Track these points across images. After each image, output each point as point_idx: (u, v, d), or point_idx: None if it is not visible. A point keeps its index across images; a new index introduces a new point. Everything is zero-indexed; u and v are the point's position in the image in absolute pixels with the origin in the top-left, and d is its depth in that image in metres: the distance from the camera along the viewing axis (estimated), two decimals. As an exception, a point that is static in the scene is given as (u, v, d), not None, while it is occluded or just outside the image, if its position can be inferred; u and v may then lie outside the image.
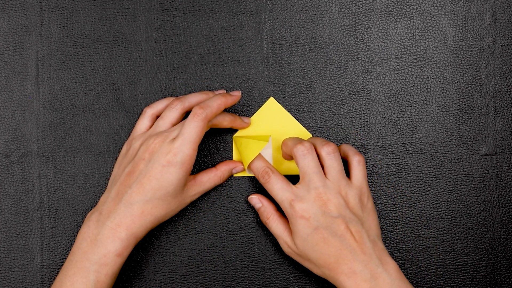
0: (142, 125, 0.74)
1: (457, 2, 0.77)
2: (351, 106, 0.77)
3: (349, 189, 0.70)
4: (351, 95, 0.77)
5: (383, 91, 0.77)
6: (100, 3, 0.77)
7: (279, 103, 0.77)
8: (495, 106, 0.77)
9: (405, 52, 0.77)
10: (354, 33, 0.77)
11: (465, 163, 0.77)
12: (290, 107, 0.77)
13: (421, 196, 0.77)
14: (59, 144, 0.76)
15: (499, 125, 0.77)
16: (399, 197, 0.77)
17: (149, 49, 0.77)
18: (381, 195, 0.77)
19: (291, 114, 0.77)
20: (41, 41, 0.76)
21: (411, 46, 0.77)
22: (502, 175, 0.77)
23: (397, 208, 0.77)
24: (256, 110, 0.77)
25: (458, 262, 0.77)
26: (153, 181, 0.69)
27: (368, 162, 0.77)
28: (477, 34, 0.77)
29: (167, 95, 0.77)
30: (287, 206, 0.70)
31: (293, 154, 0.71)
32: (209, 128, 0.74)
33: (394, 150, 0.77)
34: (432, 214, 0.77)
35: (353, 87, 0.77)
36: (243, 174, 0.76)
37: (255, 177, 0.75)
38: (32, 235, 0.76)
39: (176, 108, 0.72)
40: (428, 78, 0.77)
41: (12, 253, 0.76)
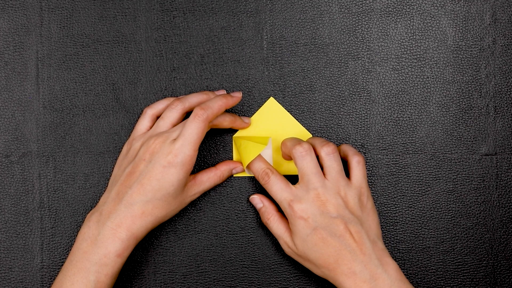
0: (143, 126, 0.74)
1: (457, 2, 0.77)
2: (351, 106, 0.77)
3: (348, 190, 0.70)
4: (351, 95, 0.77)
5: (383, 91, 0.77)
6: (100, 3, 0.77)
7: (279, 103, 0.77)
8: (495, 106, 0.77)
9: (405, 52, 0.77)
10: (354, 33, 0.77)
11: (465, 163, 0.77)
12: (290, 107, 0.77)
13: (421, 196, 0.77)
14: (59, 144, 0.76)
15: (499, 125, 0.77)
16: (399, 197, 0.77)
17: (149, 49, 0.77)
18: (381, 195, 0.77)
19: (291, 114, 0.77)
20: (41, 41, 0.76)
21: (411, 46, 0.77)
22: (502, 175, 0.77)
23: (397, 208, 0.77)
24: (256, 110, 0.77)
25: (458, 262, 0.77)
26: (154, 182, 0.69)
27: (368, 162, 0.77)
28: (477, 34, 0.77)
29: (167, 95, 0.77)
30: (286, 207, 0.70)
31: (292, 155, 0.71)
32: (209, 129, 0.74)
33: (394, 150, 0.77)
34: (432, 214, 0.77)
35: (353, 87, 0.77)
36: (243, 174, 0.76)
37: (255, 178, 0.75)
38: (32, 235, 0.76)
39: (177, 109, 0.72)
40: (428, 78, 0.77)
41: (12, 253, 0.76)
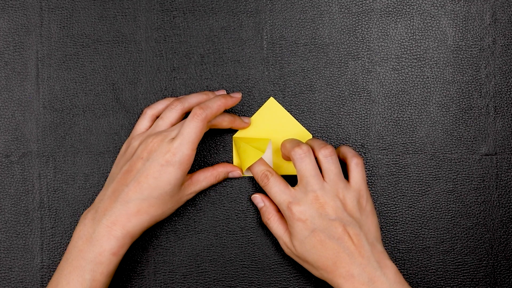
0: (142, 125, 0.74)
1: (457, 2, 0.77)
2: (351, 106, 0.77)
3: (347, 192, 0.70)
4: (351, 95, 0.77)
5: (383, 91, 0.77)
6: (100, 3, 0.77)
7: (279, 103, 0.77)
8: (495, 106, 0.77)
9: (405, 52, 0.77)
10: (354, 33, 0.77)
11: (465, 163, 0.77)
12: (290, 107, 0.77)
13: (421, 196, 0.77)
14: (59, 144, 0.76)
15: (499, 125, 0.77)
16: (399, 197, 0.77)
17: (149, 49, 0.77)
18: (381, 195, 0.77)
19: (291, 114, 0.77)
20: (41, 41, 0.76)
21: (411, 46, 0.77)
22: (502, 175, 0.77)
23: (397, 208, 0.77)
24: (256, 110, 0.77)
25: (458, 262, 0.77)
26: (151, 180, 0.68)
27: (368, 162, 0.77)
28: (477, 34, 0.77)
29: (167, 95, 0.77)
30: (285, 209, 0.70)
31: (291, 157, 0.71)
32: (208, 129, 0.74)
33: (394, 150, 0.77)
34: (432, 214, 0.77)
35: (353, 87, 0.77)
36: (241, 175, 0.76)
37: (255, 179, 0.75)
38: (32, 235, 0.76)
39: (176, 109, 0.72)
40: (428, 78, 0.77)
41: (12, 253, 0.76)
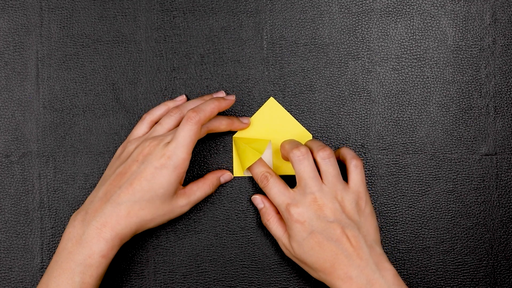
0: (140, 130, 0.74)
1: (457, 2, 0.77)
2: (351, 106, 0.77)
3: (346, 194, 0.70)
4: (351, 95, 0.77)
5: (383, 91, 0.77)
6: (100, 3, 0.77)
7: (279, 103, 0.77)
8: (495, 106, 0.77)
9: (405, 52, 0.77)
10: (354, 33, 0.77)
11: (465, 163, 0.77)
12: (290, 107, 0.77)
13: (421, 196, 0.77)
14: (59, 144, 0.76)
15: (499, 125, 0.77)
16: (399, 197, 0.77)
17: (149, 49, 0.77)
18: (381, 195, 0.77)
19: (291, 114, 0.77)
20: (41, 41, 0.76)
21: (411, 46, 0.77)
22: (502, 175, 0.77)
23: (397, 208, 0.77)
24: (256, 110, 0.77)
25: (458, 262, 0.77)
26: (144, 182, 0.68)
27: (368, 162, 0.77)
28: (477, 34, 0.77)
29: (167, 95, 0.77)
30: (284, 210, 0.70)
31: (290, 159, 0.71)
32: (206, 134, 0.74)
33: (394, 150, 0.77)
34: (432, 214, 0.77)
35: (353, 87, 0.77)
36: (241, 175, 0.76)
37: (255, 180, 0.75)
38: (32, 235, 0.76)
39: (175, 116, 0.72)
40: (428, 78, 0.77)
41: (12, 253, 0.76)
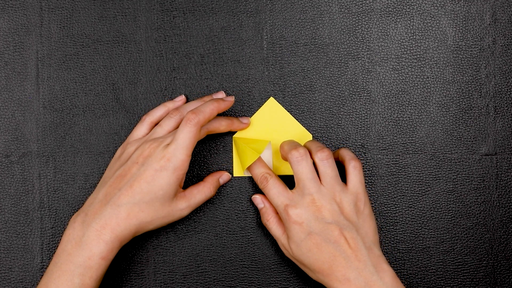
0: (140, 131, 0.74)
1: (457, 2, 0.77)
2: (351, 106, 0.77)
3: (344, 195, 0.70)
4: (351, 95, 0.77)
5: (383, 91, 0.77)
6: (100, 3, 0.77)
7: (279, 103, 0.77)
8: (495, 106, 0.77)
9: (405, 52, 0.77)
10: (354, 33, 0.77)
11: (465, 163, 0.77)
12: (290, 107, 0.77)
13: (421, 196, 0.77)
14: (59, 144, 0.76)
15: (499, 125, 0.77)
16: (399, 197, 0.77)
17: (149, 49, 0.77)
18: (381, 195, 0.77)
19: (291, 114, 0.77)
20: (41, 41, 0.76)
21: (411, 46, 0.77)
22: (502, 175, 0.77)
23: (397, 208, 0.77)
24: (256, 110, 0.77)
25: (458, 262, 0.77)
26: (144, 184, 0.68)
27: (368, 162, 0.77)
28: (477, 34, 0.77)
29: (167, 95, 0.77)
30: (282, 211, 0.70)
31: (288, 160, 0.71)
32: (206, 135, 0.74)
33: (394, 150, 0.77)
34: (432, 214, 0.77)
35: (353, 87, 0.77)
36: (241, 175, 0.76)
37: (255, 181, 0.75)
38: (32, 235, 0.76)
39: (175, 118, 0.72)
40: (428, 78, 0.77)
41: (12, 253, 0.76)
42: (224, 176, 0.75)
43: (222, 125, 0.74)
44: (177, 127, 0.72)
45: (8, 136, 0.76)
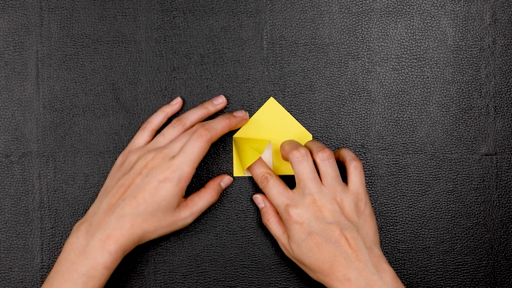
0: (141, 139, 0.74)
1: (457, 2, 0.77)
2: (351, 106, 0.77)
3: (345, 195, 0.70)
4: (351, 95, 0.77)
5: (383, 91, 0.77)
6: (100, 3, 0.77)
7: (279, 103, 0.77)
8: (495, 106, 0.77)
9: (405, 52, 0.77)
10: (354, 33, 0.77)
11: (465, 163, 0.77)
12: (290, 107, 0.77)
13: (421, 196, 0.77)
14: (59, 144, 0.76)
15: (499, 125, 0.77)
16: (399, 197, 0.77)
17: (149, 49, 0.77)
18: (381, 195, 0.77)
19: (291, 114, 0.77)
20: (41, 41, 0.76)
21: (411, 46, 0.77)
22: (502, 175, 0.77)
23: (397, 208, 0.77)
24: (256, 110, 0.77)
25: (458, 262, 0.77)
26: (147, 195, 0.68)
27: (368, 162, 0.77)
28: (477, 34, 0.77)
29: (167, 95, 0.77)
30: (283, 211, 0.70)
31: (289, 160, 0.71)
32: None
33: (394, 150, 0.77)
34: (432, 214, 0.77)
35: (353, 87, 0.77)
36: (241, 175, 0.76)
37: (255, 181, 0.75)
38: (32, 235, 0.76)
39: (178, 128, 0.73)
40: (428, 78, 0.77)
41: (12, 253, 0.76)
42: (226, 180, 0.75)
43: (224, 131, 0.73)
44: (179, 136, 0.72)
45: (8, 136, 0.76)
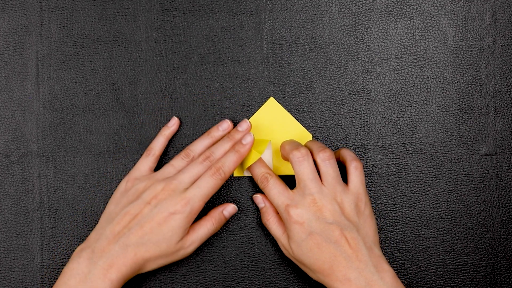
0: (145, 166, 0.74)
1: (457, 2, 0.77)
2: (351, 106, 0.77)
3: (345, 196, 0.70)
4: (351, 95, 0.77)
5: (383, 91, 0.77)
6: (100, 3, 0.77)
7: (279, 103, 0.77)
8: (495, 106, 0.77)
9: (405, 52, 0.77)
10: (354, 33, 0.77)
11: (465, 163, 0.77)
12: (290, 107, 0.77)
13: (421, 196, 0.77)
14: (59, 144, 0.76)
15: (499, 125, 0.77)
16: (399, 197, 0.77)
17: (149, 49, 0.77)
18: (381, 195, 0.77)
19: (291, 114, 0.77)
20: (41, 41, 0.76)
21: (411, 46, 0.77)
22: (502, 175, 0.77)
23: (397, 208, 0.77)
24: (256, 110, 0.77)
25: (458, 262, 0.77)
26: (155, 225, 0.69)
27: (368, 162, 0.77)
28: (477, 34, 0.77)
29: (167, 95, 0.77)
30: (283, 211, 0.70)
31: (290, 160, 0.71)
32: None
33: (394, 150, 0.77)
34: (432, 214, 0.77)
35: (353, 87, 0.77)
36: (241, 175, 0.76)
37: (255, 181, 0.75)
38: (32, 235, 0.76)
39: (186, 160, 0.73)
40: (428, 78, 0.77)
41: (12, 253, 0.76)
42: (229, 208, 0.75)
43: (236, 166, 0.73)
44: (187, 167, 0.72)
45: (8, 136, 0.76)
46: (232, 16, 0.77)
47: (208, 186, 0.70)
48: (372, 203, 0.77)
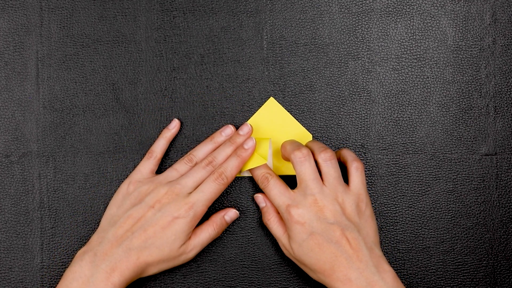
0: (147, 168, 0.74)
1: (457, 2, 0.77)
2: (351, 106, 0.77)
3: (346, 196, 0.70)
4: (351, 95, 0.77)
5: (383, 91, 0.77)
6: (100, 3, 0.77)
7: (279, 103, 0.77)
8: (495, 106, 0.77)
9: (405, 52, 0.77)
10: (354, 33, 0.77)
11: (465, 163, 0.77)
12: (290, 107, 0.77)
13: (421, 196, 0.77)
14: (59, 144, 0.76)
15: (499, 125, 0.77)
16: (399, 197, 0.77)
17: (149, 49, 0.77)
18: (381, 195, 0.77)
19: (291, 114, 0.77)
20: (41, 41, 0.76)
21: (411, 46, 0.77)
22: (502, 175, 0.77)
23: (397, 208, 0.77)
24: (256, 110, 0.77)
25: (458, 262, 0.77)
26: (158, 229, 0.69)
27: (368, 162, 0.77)
28: (477, 34, 0.77)
29: (167, 95, 0.77)
30: (284, 211, 0.70)
31: (291, 160, 0.71)
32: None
33: (394, 150, 0.77)
34: (432, 214, 0.77)
35: (353, 87, 0.77)
36: (240, 174, 0.76)
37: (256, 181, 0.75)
38: (32, 235, 0.76)
39: (189, 165, 0.73)
40: (428, 78, 0.77)
41: (12, 253, 0.76)
42: (231, 213, 0.75)
43: (238, 170, 0.73)
44: (190, 171, 0.73)
45: (8, 136, 0.76)
46: (232, 16, 0.77)
47: (211, 191, 0.70)
48: (372, 203, 0.77)
